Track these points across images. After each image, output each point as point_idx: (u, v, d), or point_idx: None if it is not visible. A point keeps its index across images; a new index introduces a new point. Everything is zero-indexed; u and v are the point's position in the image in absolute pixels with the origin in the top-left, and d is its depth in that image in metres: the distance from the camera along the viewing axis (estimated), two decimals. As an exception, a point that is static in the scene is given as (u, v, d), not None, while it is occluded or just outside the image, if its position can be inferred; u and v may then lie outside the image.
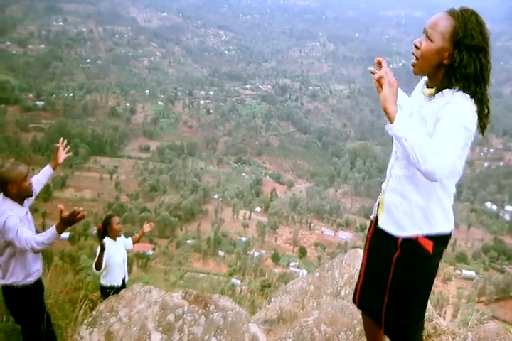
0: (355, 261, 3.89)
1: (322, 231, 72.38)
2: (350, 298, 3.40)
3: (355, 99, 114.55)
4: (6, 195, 3.08)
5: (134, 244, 5.00)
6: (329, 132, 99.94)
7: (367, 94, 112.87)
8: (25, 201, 3.20)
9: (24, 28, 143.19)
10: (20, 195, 3.10)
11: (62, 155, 3.68)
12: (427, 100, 1.90)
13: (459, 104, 1.76)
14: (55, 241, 2.83)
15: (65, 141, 3.77)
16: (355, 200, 78.84)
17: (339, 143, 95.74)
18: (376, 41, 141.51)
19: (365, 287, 2.19)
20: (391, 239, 2.00)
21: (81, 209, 2.67)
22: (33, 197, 3.35)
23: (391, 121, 1.71)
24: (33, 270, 3.21)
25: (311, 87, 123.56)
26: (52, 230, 2.79)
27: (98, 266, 4.49)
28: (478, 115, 1.79)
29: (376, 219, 2.13)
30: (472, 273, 57.82)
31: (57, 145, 3.72)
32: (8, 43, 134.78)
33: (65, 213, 2.66)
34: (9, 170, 3.07)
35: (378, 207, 2.14)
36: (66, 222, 2.72)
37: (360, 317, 2.98)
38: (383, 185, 2.13)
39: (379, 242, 2.09)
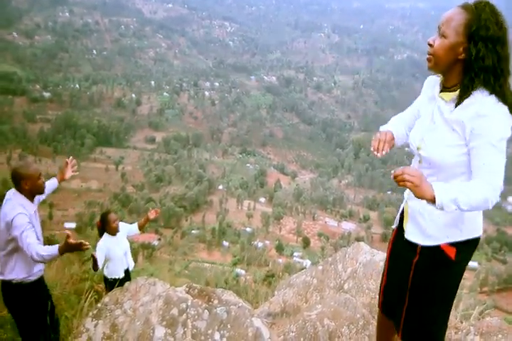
0: (358, 254, 3.90)
1: (326, 222, 72.73)
2: (354, 292, 3.55)
3: (359, 90, 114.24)
4: (19, 190, 3.13)
5: (140, 229, 5.02)
6: (333, 123, 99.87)
7: (371, 85, 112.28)
8: (36, 199, 3.25)
9: (30, 19, 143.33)
10: (32, 192, 3.15)
11: (69, 172, 3.69)
12: (449, 105, 1.82)
13: (492, 117, 1.70)
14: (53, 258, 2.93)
15: (74, 160, 3.77)
16: (358, 191, 79.16)
17: (343, 134, 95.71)
18: (381, 32, 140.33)
19: (388, 292, 2.20)
20: (411, 245, 1.99)
21: (87, 243, 2.86)
22: (42, 198, 3.40)
23: (434, 202, 1.69)
24: (36, 269, 3.19)
25: (315, 78, 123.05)
26: (55, 250, 2.86)
27: (94, 269, 4.46)
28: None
29: (399, 227, 2.11)
30: (475, 264, 58.09)
31: (67, 160, 3.73)
32: (15, 35, 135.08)
33: (72, 240, 2.79)
34: (25, 167, 3.12)
35: (402, 216, 2.10)
36: (70, 248, 2.84)
37: (363, 311, 3.14)
38: (405, 194, 2.05)
39: (400, 247, 2.08)
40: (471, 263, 57.58)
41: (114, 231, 4.69)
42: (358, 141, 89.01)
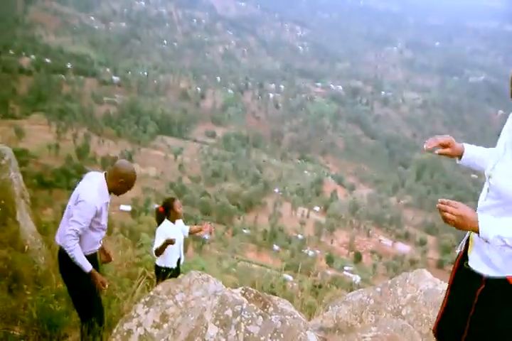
0: (419, 281, 3.74)
1: (380, 240, 71.11)
2: (412, 318, 3.41)
3: (428, 109, 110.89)
4: (107, 180, 3.21)
5: (189, 234, 5.08)
6: (398, 140, 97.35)
7: (441, 105, 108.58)
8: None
9: (108, 5, 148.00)
10: (116, 191, 3.26)
11: (106, 256, 3.69)
12: None
13: None
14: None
15: (112, 254, 3.80)
16: (417, 213, 76.58)
17: (407, 152, 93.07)
18: (458, 52, 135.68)
19: (446, 318, 2.04)
20: (476, 273, 1.86)
21: (107, 286, 3.30)
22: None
23: (478, 232, 1.67)
24: (95, 247, 3.39)
25: (383, 93, 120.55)
26: (87, 268, 3.16)
27: (158, 254, 4.64)
28: None
29: (464, 251, 1.96)
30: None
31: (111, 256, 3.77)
32: (93, 19, 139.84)
33: (101, 284, 3.20)
34: (132, 171, 3.27)
35: (468, 241, 1.95)
36: (95, 280, 3.20)
37: (420, 340, 2.99)
38: None
39: (464, 274, 1.93)
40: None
41: (177, 217, 4.71)
42: (422, 161, 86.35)
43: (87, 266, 3.17)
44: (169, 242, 4.57)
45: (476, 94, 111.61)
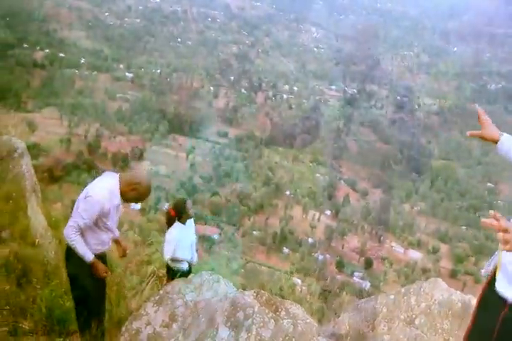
0: (434, 290, 3.65)
1: (392, 247, 69.99)
2: (425, 329, 3.36)
3: (444, 116, 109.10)
4: (121, 186, 3.18)
5: None
6: (412, 146, 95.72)
7: (458, 112, 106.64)
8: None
9: (123, 1, 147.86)
10: (129, 197, 3.27)
11: (120, 250, 3.68)
12: None
13: None
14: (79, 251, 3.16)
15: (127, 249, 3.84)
16: (430, 221, 75.21)
17: (421, 159, 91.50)
18: (476, 58, 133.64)
19: (472, 338, 2.02)
20: (501, 296, 1.82)
21: (109, 273, 3.32)
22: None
23: None
24: (93, 248, 3.26)
25: (398, 97, 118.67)
26: (89, 258, 3.14)
27: (172, 261, 4.49)
28: None
29: (494, 274, 1.92)
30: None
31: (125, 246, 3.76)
32: (107, 14, 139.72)
33: (102, 272, 3.20)
34: (148, 185, 3.30)
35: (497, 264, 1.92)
36: (96, 269, 3.17)
37: None
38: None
39: (490, 296, 1.89)
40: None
41: (188, 219, 4.54)
42: (436, 168, 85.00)
43: (89, 257, 3.13)
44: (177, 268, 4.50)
45: (494, 101, 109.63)
